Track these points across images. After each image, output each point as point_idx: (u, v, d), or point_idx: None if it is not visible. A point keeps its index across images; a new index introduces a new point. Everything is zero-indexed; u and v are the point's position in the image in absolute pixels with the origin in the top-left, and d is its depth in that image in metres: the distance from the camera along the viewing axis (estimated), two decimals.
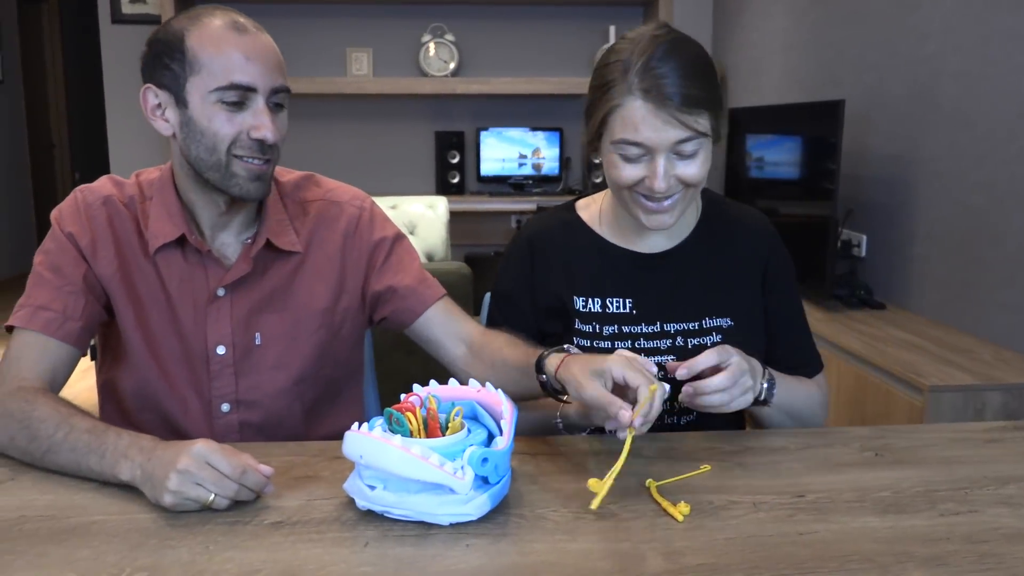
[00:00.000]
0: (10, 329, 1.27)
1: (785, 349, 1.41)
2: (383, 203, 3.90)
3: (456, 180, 4.72)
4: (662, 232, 1.35)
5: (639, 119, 1.19)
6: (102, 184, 1.35)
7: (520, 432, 1.15)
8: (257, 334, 1.33)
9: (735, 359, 1.15)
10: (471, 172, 4.78)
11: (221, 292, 1.32)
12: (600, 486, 0.99)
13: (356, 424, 0.98)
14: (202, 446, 1.02)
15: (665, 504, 1.00)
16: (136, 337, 1.31)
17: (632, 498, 1.03)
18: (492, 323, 1.42)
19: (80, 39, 7.37)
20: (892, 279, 2.84)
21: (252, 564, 0.88)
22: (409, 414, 0.99)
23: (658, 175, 1.20)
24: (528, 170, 4.70)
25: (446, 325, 1.39)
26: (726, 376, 1.13)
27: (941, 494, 1.04)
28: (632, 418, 1.01)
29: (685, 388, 1.14)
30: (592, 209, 1.42)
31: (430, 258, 3.82)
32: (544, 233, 1.41)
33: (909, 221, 2.74)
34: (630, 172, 1.23)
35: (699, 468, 1.11)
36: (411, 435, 0.99)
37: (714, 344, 1.32)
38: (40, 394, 1.18)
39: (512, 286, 1.41)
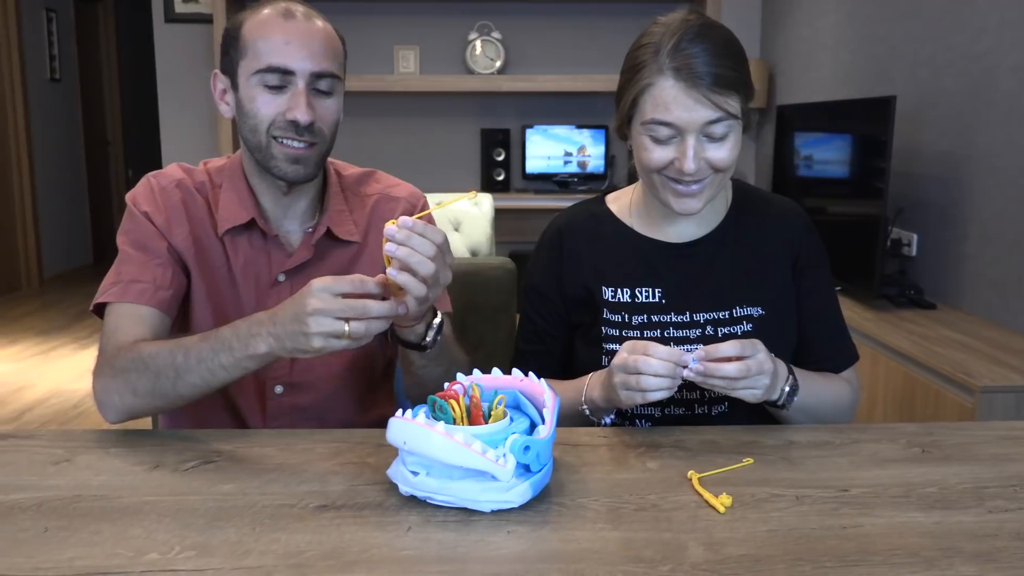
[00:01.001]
0: (99, 311, 1.32)
1: (816, 338, 1.39)
2: (429, 199, 3.92)
3: (501, 177, 4.73)
4: (692, 221, 1.35)
5: (670, 99, 1.20)
6: (172, 170, 1.40)
7: None
8: None
9: (760, 356, 1.14)
10: (516, 169, 4.79)
11: (281, 277, 1.36)
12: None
13: (400, 411, 0.99)
14: (318, 283, 1.08)
15: (707, 496, 0.99)
16: (204, 313, 1.36)
17: (674, 490, 1.02)
18: (525, 318, 1.43)
19: (135, 38, 7.53)
20: (943, 278, 2.80)
21: (298, 545, 0.89)
22: (452, 401, 1.00)
23: (688, 156, 1.20)
24: (573, 168, 4.70)
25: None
26: (738, 367, 1.13)
27: (990, 491, 1.02)
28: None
29: (695, 366, 1.14)
30: (622, 201, 1.42)
31: (474, 254, 3.84)
32: (572, 224, 1.41)
33: (962, 220, 2.69)
34: (660, 154, 1.23)
35: (741, 461, 1.10)
36: (454, 422, 1.00)
37: (745, 334, 1.31)
38: (137, 342, 1.24)
39: (542, 279, 1.41)
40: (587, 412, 1.28)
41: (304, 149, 1.30)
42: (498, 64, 4.63)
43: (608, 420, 1.28)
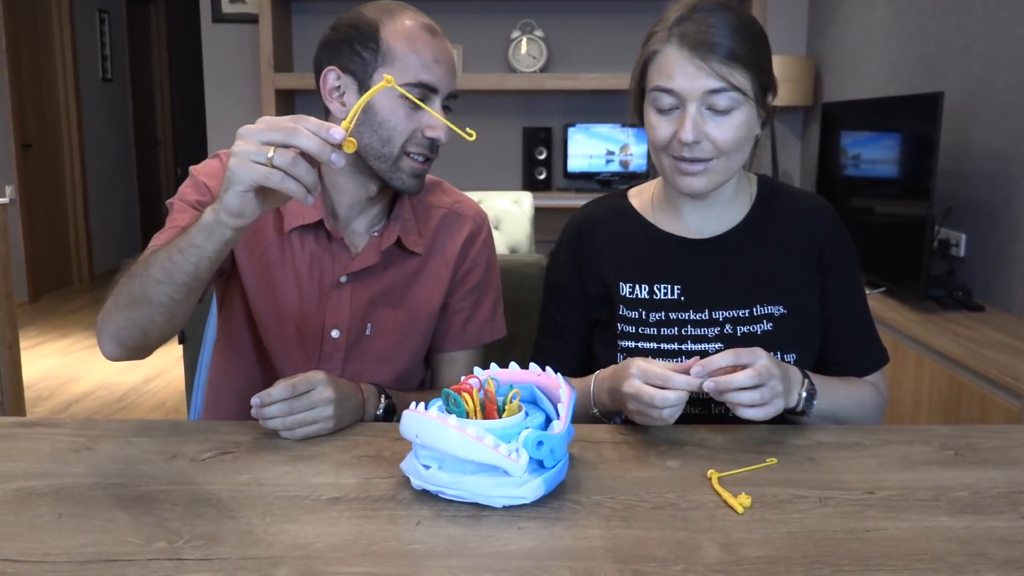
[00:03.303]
0: None
1: (840, 339, 1.34)
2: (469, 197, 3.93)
3: (543, 176, 4.71)
4: (713, 216, 1.32)
5: (673, 65, 1.19)
6: (210, 164, 1.39)
7: None
8: (369, 324, 1.38)
9: (762, 361, 1.09)
10: (558, 168, 4.76)
11: (343, 279, 1.36)
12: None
13: (413, 404, 0.98)
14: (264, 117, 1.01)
15: (725, 495, 0.97)
16: (260, 303, 1.36)
17: (692, 488, 1.00)
18: (545, 313, 1.42)
19: (186, 38, 7.65)
20: (993, 280, 2.71)
21: (306, 537, 0.89)
22: (466, 395, 0.99)
23: (686, 125, 1.18)
24: (616, 167, 4.66)
25: (461, 366, 1.46)
26: (750, 373, 1.08)
27: None
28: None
29: (706, 383, 1.09)
30: (644, 195, 1.40)
31: (513, 252, 3.83)
32: (593, 219, 1.39)
33: (1012, 219, 2.61)
34: (663, 129, 1.21)
35: (764, 461, 1.07)
36: (467, 416, 0.98)
37: (765, 333, 1.28)
38: None
39: (561, 275, 1.40)
40: (598, 414, 1.26)
41: (427, 164, 1.32)
42: (541, 62, 4.62)
43: (619, 419, 1.25)
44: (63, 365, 4.38)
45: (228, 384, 1.44)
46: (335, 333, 1.37)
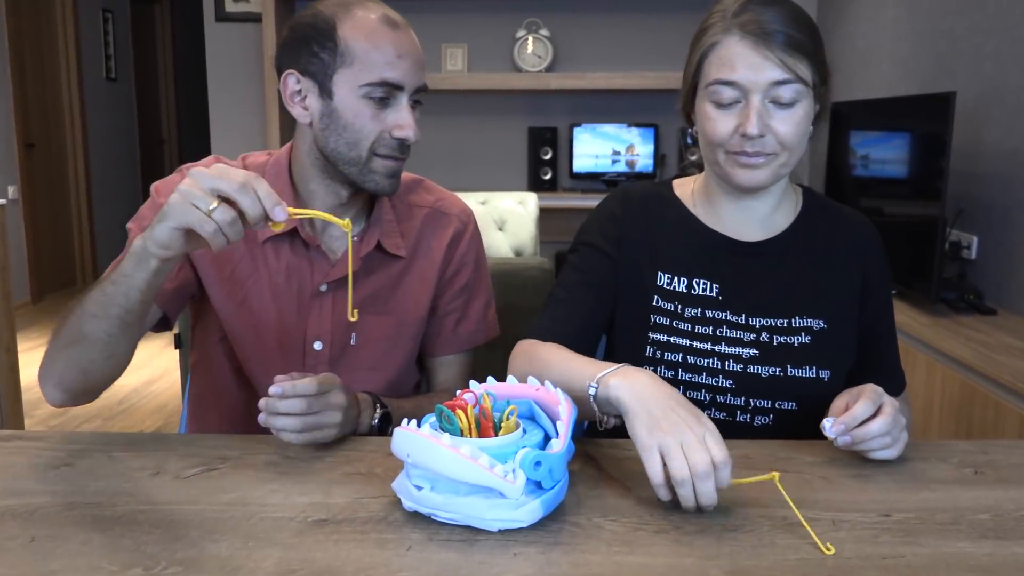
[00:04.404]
0: None
1: (874, 361, 1.30)
2: (474, 198, 3.89)
3: (548, 176, 4.66)
4: (758, 220, 1.27)
5: (736, 56, 1.14)
6: (207, 164, 1.34)
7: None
8: (353, 333, 1.32)
9: (887, 397, 1.06)
10: (563, 168, 4.71)
11: (323, 288, 1.30)
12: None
13: (405, 420, 0.93)
14: (210, 159, 1.03)
15: (750, 480, 0.93)
16: (236, 321, 1.31)
17: (699, 511, 0.95)
18: (570, 268, 1.30)
19: (190, 38, 7.61)
20: (1005, 283, 2.66)
21: (290, 563, 0.84)
22: (460, 411, 0.94)
23: (751, 118, 1.13)
24: (622, 167, 4.61)
25: (455, 369, 1.43)
26: (885, 421, 1.04)
27: None
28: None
29: (842, 439, 1.04)
30: (686, 188, 1.34)
31: (518, 254, 3.78)
32: (640, 196, 1.33)
33: None
34: (723, 123, 1.16)
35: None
36: (462, 434, 0.93)
37: (802, 346, 1.23)
38: None
39: (601, 235, 1.30)
40: (592, 393, 1.02)
41: (400, 163, 1.27)
42: (546, 62, 4.57)
43: (613, 421, 1.08)
44: None
45: (210, 403, 1.39)
46: (318, 345, 1.31)
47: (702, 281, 1.26)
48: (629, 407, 0.96)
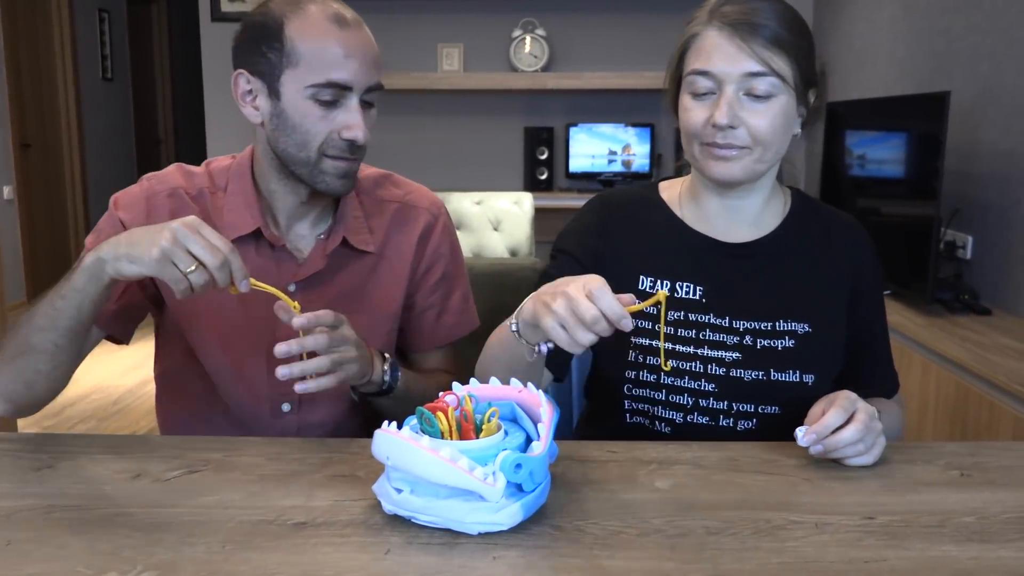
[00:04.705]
0: None
1: (869, 366, 1.30)
2: (469, 198, 3.88)
3: (544, 176, 4.66)
4: (745, 221, 1.26)
5: (711, 47, 1.15)
6: (170, 174, 1.33)
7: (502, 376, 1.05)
8: None
9: (860, 404, 1.06)
10: (560, 168, 4.71)
11: (292, 288, 1.29)
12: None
13: (386, 422, 0.93)
14: (195, 218, 1.05)
15: (640, 306, 0.97)
16: (199, 332, 1.29)
17: (682, 513, 0.94)
18: (547, 278, 1.26)
19: (187, 37, 7.60)
20: (1000, 283, 2.65)
21: (267, 567, 0.83)
22: (440, 413, 0.93)
23: (721, 107, 1.14)
24: (618, 167, 4.60)
25: (440, 363, 1.42)
26: (857, 428, 1.03)
27: None
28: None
29: (815, 448, 1.05)
30: (673, 190, 1.33)
31: (513, 254, 3.78)
32: (620, 202, 1.32)
33: (1021, 221, 2.55)
34: (698, 113, 1.17)
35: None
36: (442, 436, 0.92)
37: (786, 350, 1.22)
38: None
39: (575, 244, 1.30)
40: (514, 329, 1.06)
41: (353, 164, 1.24)
42: (542, 61, 4.56)
43: (544, 348, 1.05)
44: None
45: (179, 416, 1.37)
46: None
47: (686, 284, 1.25)
48: (528, 303, 1.03)
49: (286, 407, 1.31)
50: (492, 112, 4.76)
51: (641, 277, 1.26)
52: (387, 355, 1.26)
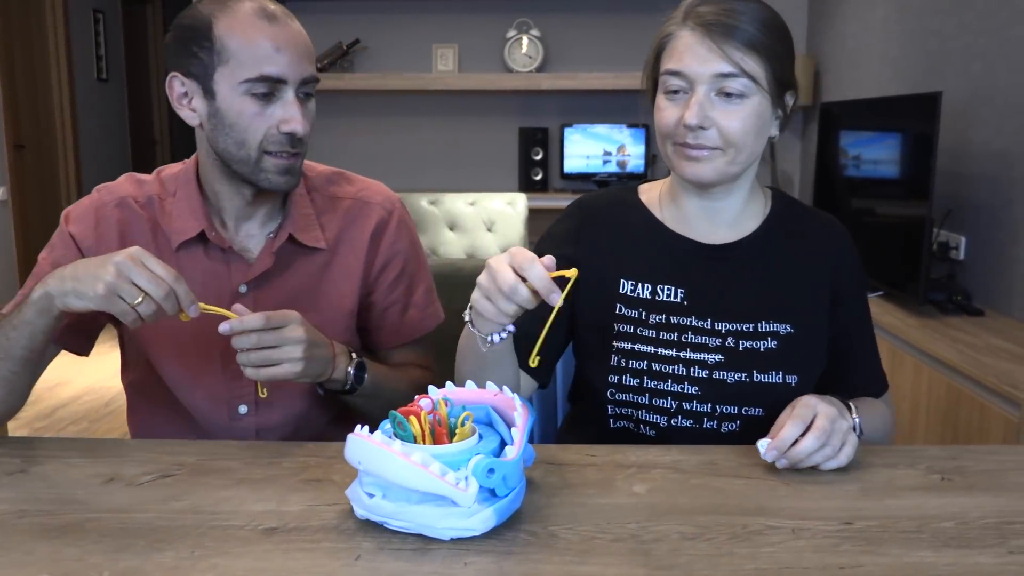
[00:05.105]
0: None
1: (854, 366, 1.29)
2: (463, 199, 3.87)
3: (539, 177, 4.65)
4: (725, 222, 1.25)
5: (684, 48, 1.15)
6: (120, 184, 1.32)
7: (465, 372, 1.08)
8: None
9: (821, 408, 1.04)
10: (555, 169, 4.70)
11: (243, 289, 1.28)
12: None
13: (359, 426, 0.91)
14: (138, 249, 1.06)
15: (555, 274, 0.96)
16: (155, 339, 1.29)
17: (658, 518, 0.93)
18: None
19: None
20: (993, 284, 2.64)
21: (235, 573, 0.82)
22: (413, 417, 0.92)
23: (692, 106, 1.13)
24: (613, 167, 4.59)
25: (407, 355, 1.41)
26: (815, 435, 1.02)
27: (1015, 527, 0.91)
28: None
29: (780, 462, 1.04)
30: (653, 193, 1.32)
31: None
32: (598, 207, 1.31)
33: (1014, 222, 2.54)
34: (669, 113, 1.17)
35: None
36: (415, 440, 0.91)
37: (768, 351, 1.21)
38: None
39: (554, 250, 1.26)
40: (467, 319, 1.06)
41: (294, 159, 1.23)
42: (537, 62, 4.55)
43: (497, 337, 1.05)
44: (52, 369, 4.28)
45: (149, 426, 1.36)
46: None
47: (667, 287, 1.24)
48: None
49: (243, 409, 1.30)
50: (487, 112, 4.75)
51: (622, 281, 1.25)
52: (355, 354, 1.25)
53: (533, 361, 1.05)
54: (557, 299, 0.95)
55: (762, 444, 1.04)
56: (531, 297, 0.96)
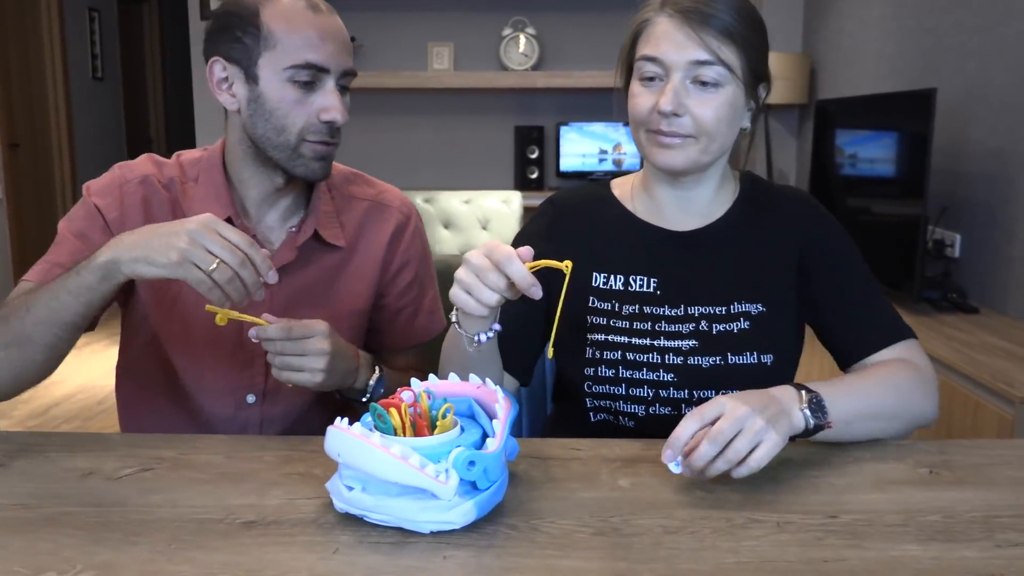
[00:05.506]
0: None
1: (850, 315, 1.23)
2: (458, 197, 3.86)
3: (535, 175, 4.64)
4: (694, 209, 1.25)
5: (660, 34, 1.14)
6: (141, 163, 1.32)
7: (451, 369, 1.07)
8: None
9: (728, 407, 0.95)
10: (550, 167, 4.69)
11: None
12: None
13: (339, 418, 0.90)
14: (210, 216, 1.04)
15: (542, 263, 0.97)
16: (166, 321, 1.29)
17: (640, 512, 0.92)
18: None
19: (178, 37, 7.57)
20: (988, 282, 2.63)
21: (210, 567, 0.81)
22: (393, 409, 0.91)
23: (667, 92, 1.13)
24: (608, 166, 4.58)
25: (409, 360, 1.41)
26: (713, 433, 0.92)
27: (1002, 521, 0.90)
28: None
29: (683, 470, 0.96)
30: (625, 186, 1.32)
31: None
32: (570, 203, 1.31)
33: (1009, 220, 2.53)
34: (644, 100, 1.16)
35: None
36: (395, 433, 0.90)
37: (742, 332, 1.20)
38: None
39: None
40: (454, 319, 1.06)
41: (331, 148, 1.24)
42: (533, 60, 4.54)
43: (484, 336, 1.04)
44: None
45: (139, 409, 1.36)
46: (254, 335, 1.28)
47: (639, 277, 1.24)
48: None
49: (251, 398, 1.31)
50: (482, 111, 4.74)
51: (595, 274, 1.25)
52: (378, 367, 1.27)
53: (550, 353, 1.05)
54: (538, 293, 0.95)
55: (665, 454, 0.95)
56: (511, 289, 0.96)
